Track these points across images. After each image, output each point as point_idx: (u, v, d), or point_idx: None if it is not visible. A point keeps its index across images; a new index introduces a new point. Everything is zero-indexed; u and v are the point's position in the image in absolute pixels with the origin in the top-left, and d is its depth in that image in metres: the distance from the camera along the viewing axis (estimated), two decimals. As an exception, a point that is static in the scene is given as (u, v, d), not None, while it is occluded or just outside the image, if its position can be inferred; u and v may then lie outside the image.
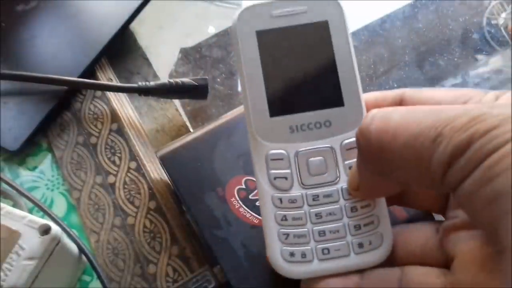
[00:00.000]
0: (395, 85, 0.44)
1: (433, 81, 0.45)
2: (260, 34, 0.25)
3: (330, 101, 0.25)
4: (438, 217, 0.26)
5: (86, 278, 0.34)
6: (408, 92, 0.25)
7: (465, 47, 0.46)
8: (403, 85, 0.44)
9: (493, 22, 0.47)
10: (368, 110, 0.25)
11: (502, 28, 0.47)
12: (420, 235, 0.24)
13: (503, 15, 0.48)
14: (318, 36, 0.25)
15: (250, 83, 0.25)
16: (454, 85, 0.45)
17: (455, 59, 0.46)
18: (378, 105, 0.25)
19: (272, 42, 0.25)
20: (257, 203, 0.30)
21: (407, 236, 0.24)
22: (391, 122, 0.19)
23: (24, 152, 0.39)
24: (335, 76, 0.25)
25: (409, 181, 0.20)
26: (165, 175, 0.35)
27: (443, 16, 0.48)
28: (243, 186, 0.31)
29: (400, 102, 0.25)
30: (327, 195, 0.24)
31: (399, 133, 0.19)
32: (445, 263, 0.22)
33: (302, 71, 0.25)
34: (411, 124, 0.18)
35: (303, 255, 0.24)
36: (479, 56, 0.46)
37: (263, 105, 0.25)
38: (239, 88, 0.45)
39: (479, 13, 0.48)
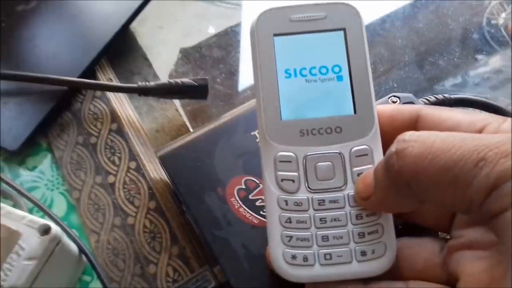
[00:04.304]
0: (395, 85, 0.44)
1: (433, 81, 0.45)
2: (277, 37, 0.26)
3: (342, 108, 0.25)
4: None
5: (86, 278, 0.34)
6: (426, 109, 0.24)
7: (465, 47, 0.46)
8: (403, 85, 0.44)
9: (493, 22, 0.47)
10: (382, 123, 0.25)
11: (502, 28, 0.47)
12: (424, 251, 0.24)
13: (503, 15, 0.48)
14: (334, 43, 0.26)
15: (264, 84, 0.25)
16: (454, 85, 0.45)
17: (455, 59, 0.46)
18: (393, 119, 0.25)
19: (289, 46, 0.26)
20: (257, 203, 0.30)
21: (411, 251, 0.24)
22: (432, 147, 0.19)
23: (24, 152, 0.39)
24: (349, 84, 0.25)
25: (441, 204, 0.20)
26: (165, 175, 0.35)
27: (443, 16, 0.48)
28: (243, 186, 0.31)
29: (416, 119, 0.24)
30: (333, 201, 0.24)
31: (438, 157, 0.19)
32: (447, 281, 0.22)
33: (316, 76, 0.25)
34: (451, 148, 0.18)
35: (305, 258, 0.23)
36: (479, 56, 0.46)
37: (276, 107, 0.25)
38: (240, 88, 0.45)
39: (479, 13, 0.48)
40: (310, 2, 0.26)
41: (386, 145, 0.23)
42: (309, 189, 0.24)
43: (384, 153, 0.22)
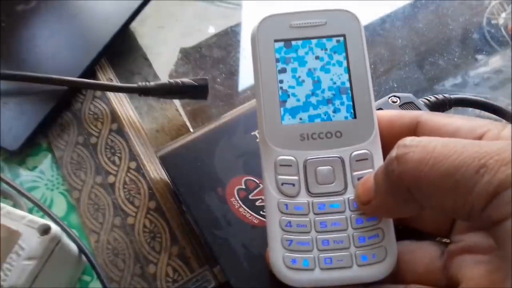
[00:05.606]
0: (395, 85, 0.44)
1: (433, 81, 0.45)
2: (278, 43, 0.26)
3: (342, 113, 0.25)
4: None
5: (86, 278, 0.34)
6: (425, 115, 0.24)
7: (465, 47, 0.46)
8: (403, 85, 0.44)
9: (493, 22, 0.47)
10: (382, 128, 0.25)
11: (502, 28, 0.47)
12: (425, 255, 0.24)
13: (503, 15, 0.48)
14: (334, 49, 0.26)
15: (265, 89, 0.25)
16: (454, 85, 0.45)
17: (455, 59, 0.46)
18: (393, 124, 0.25)
19: (289, 51, 0.26)
20: (257, 203, 0.30)
21: (412, 255, 0.24)
22: (433, 152, 0.19)
23: (24, 152, 0.39)
24: (349, 89, 0.25)
25: (442, 210, 0.20)
26: (165, 175, 0.35)
27: (443, 16, 0.48)
28: (243, 186, 0.31)
29: (416, 124, 0.24)
30: (333, 205, 0.24)
31: (440, 163, 0.19)
32: (447, 285, 0.22)
33: (316, 81, 0.26)
34: (452, 154, 0.18)
35: (305, 263, 0.24)
36: (479, 56, 0.46)
37: (276, 111, 0.25)
38: (240, 88, 0.45)
39: (479, 13, 0.48)
40: (310, 8, 0.26)
41: (386, 150, 0.23)
42: (309, 193, 0.24)
43: (384, 158, 0.22)
